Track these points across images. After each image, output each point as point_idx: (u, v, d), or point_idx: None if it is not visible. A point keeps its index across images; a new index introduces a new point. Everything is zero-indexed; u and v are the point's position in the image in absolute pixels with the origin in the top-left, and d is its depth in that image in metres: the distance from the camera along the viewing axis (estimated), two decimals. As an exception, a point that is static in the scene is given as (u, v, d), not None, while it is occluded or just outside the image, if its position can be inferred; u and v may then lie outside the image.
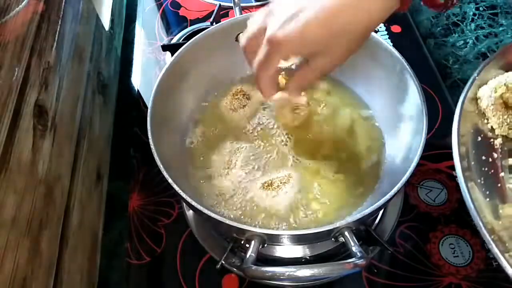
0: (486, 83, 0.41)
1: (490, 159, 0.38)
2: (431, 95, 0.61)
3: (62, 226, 0.44)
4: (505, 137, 0.39)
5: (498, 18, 0.66)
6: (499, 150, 0.38)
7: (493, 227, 0.32)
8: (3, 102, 0.38)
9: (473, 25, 0.68)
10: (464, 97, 0.39)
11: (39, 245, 0.39)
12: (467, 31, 0.68)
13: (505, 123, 0.39)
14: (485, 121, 0.40)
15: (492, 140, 0.39)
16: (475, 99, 0.41)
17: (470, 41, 0.67)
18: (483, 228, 0.31)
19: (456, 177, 0.53)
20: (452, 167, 0.54)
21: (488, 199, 0.35)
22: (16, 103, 0.39)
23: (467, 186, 0.33)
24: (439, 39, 0.70)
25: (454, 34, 0.69)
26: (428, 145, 0.40)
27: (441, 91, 0.62)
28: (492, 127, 0.40)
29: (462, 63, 0.66)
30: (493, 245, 0.30)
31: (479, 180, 0.36)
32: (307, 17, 0.33)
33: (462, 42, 0.67)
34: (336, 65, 0.37)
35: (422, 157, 0.39)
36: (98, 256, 0.52)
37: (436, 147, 0.55)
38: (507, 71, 0.41)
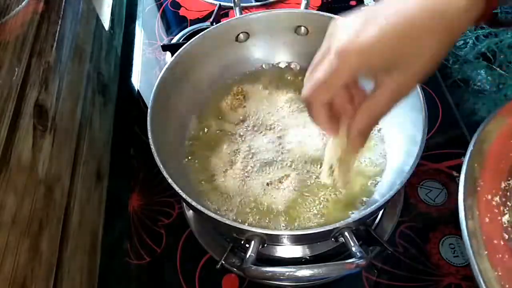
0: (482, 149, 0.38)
1: (502, 242, 0.34)
2: (431, 95, 0.61)
3: (62, 226, 0.44)
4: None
5: (498, 18, 0.66)
6: (509, 228, 0.35)
7: None
8: (3, 102, 0.38)
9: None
10: (466, 172, 0.36)
11: (39, 245, 0.39)
12: (467, 31, 0.68)
13: None
14: (489, 196, 0.36)
15: (499, 218, 0.36)
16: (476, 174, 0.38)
17: (470, 41, 0.67)
18: None
19: (457, 177, 0.53)
20: (452, 167, 0.54)
21: None
22: (16, 103, 0.39)
23: (484, 279, 0.31)
24: (439, 39, 0.70)
25: (454, 34, 0.68)
26: (428, 145, 0.40)
27: (441, 91, 0.62)
28: (497, 202, 0.36)
29: (462, 63, 0.66)
30: None
31: (495, 273, 0.32)
32: (380, 23, 0.28)
33: (462, 42, 0.67)
34: (415, 84, 0.30)
35: (422, 157, 0.39)
36: (98, 256, 0.52)
37: (436, 147, 0.55)
38: None
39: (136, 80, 0.71)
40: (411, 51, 0.28)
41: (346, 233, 0.36)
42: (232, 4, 0.58)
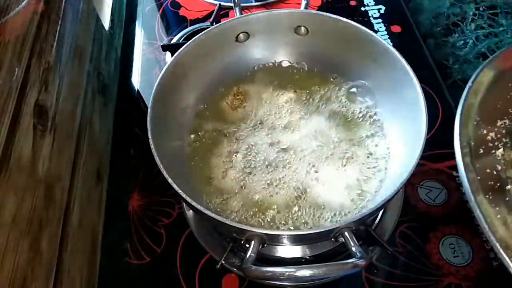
0: (480, 89, 0.40)
1: (495, 172, 0.37)
2: (431, 95, 0.61)
3: (62, 226, 0.44)
4: (505, 147, 0.39)
5: (498, 18, 0.66)
6: (502, 161, 0.38)
7: (506, 242, 0.32)
8: (3, 102, 0.38)
9: (473, 25, 0.68)
10: (462, 110, 0.39)
11: (39, 245, 0.39)
12: (467, 31, 0.68)
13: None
14: (484, 131, 0.39)
15: (493, 151, 0.39)
16: (473, 107, 0.40)
17: (470, 41, 0.66)
18: (497, 245, 0.30)
19: (457, 177, 0.53)
20: (452, 167, 0.54)
21: (498, 216, 0.34)
22: (16, 103, 0.39)
23: (476, 200, 0.33)
24: (439, 39, 0.70)
25: (454, 34, 0.69)
26: (428, 145, 0.40)
27: (441, 91, 0.62)
28: (492, 137, 0.39)
29: (462, 63, 0.66)
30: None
31: (487, 196, 0.35)
32: None
33: (462, 42, 0.67)
34: None
35: (422, 157, 0.39)
36: (98, 256, 0.52)
37: (436, 147, 0.55)
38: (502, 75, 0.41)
39: (136, 80, 0.71)
40: None
41: (346, 233, 0.36)
42: (232, 4, 0.58)
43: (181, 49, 0.50)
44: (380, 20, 0.74)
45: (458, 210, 0.50)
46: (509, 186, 0.37)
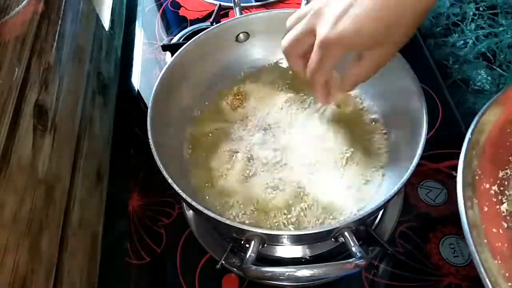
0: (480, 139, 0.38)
1: (501, 231, 0.34)
2: (431, 95, 0.61)
3: (62, 226, 0.44)
4: (509, 201, 0.36)
5: (498, 18, 0.66)
6: (508, 217, 0.35)
7: None
8: (3, 102, 0.38)
9: (473, 25, 0.68)
10: (463, 166, 0.37)
11: (39, 245, 0.39)
12: (467, 31, 0.68)
13: None
14: (486, 185, 0.37)
15: (498, 206, 0.36)
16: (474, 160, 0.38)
17: (470, 41, 0.67)
18: None
19: (456, 177, 0.53)
20: (452, 168, 0.54)
21: (510, 284, 0.32)
22: (16, 103, 0.39)
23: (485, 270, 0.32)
24: (439, 39, 0.70)
25: (454, 34, 0.69)
26: (428, 145, 0.40)
27: (441, 91, 0.62)
28: (495, 191, 0.37)
29: (462, 63, 0.66)
30: None
31: (495, 261, 0.33)
32: (359, 12, 0.32)
33: (462, 42, 0.67)
34: (392, 55, 0.36)
35: (422, 157, 0.39)
36: (98, 256, 0.52)
37: (436, 147, 0.55)
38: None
39: (136, 80, 0.71)
40: (389, 32, 0.33)
41: (346, 233, 0.36)
42: (232, 4, 0.58)
43: (181, 49, 0.50)
44: (380, 20, 0.73)
45: (458, 210, 0.50)
46: None
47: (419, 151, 0.39)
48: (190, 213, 0.52)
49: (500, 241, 0.33)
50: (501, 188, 0.37)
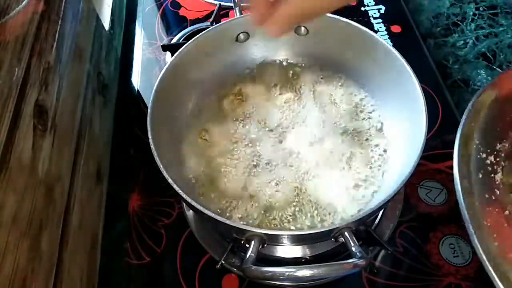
0: (480, 112, 0.40)
1: (493, 197, 0.37)
2: (431, 95, 0.61)
3: (62, 226, 0.44)
4: (504, 171, 0.39)
5: (498, 18, 0.66)
6: (501, 185, 0.38)
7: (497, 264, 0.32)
8: (3, 102, 0.38)
9: (473, 25, 0.68)
10: (461, 133, 0.39)
11: (39, 245, 0.39)
12: (467, 31, 0.68)
13: None
14: (483, 155, 0.39)
15: (492, 175, 0.38)
16: (473, 130, 0.40)
17: (470, 41, 0.66)
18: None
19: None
20: (452, 167, 0.54)
21: (496, 243, 0.34)
22: (16, 103, 0.39)
23: (474, 230, 0.33)
24: (439, 39, 0.70)
25: (454, 34, 0.69)
26: (428, 145, 0.40)
27: (441, 91, 0.62)
28: (491, 161, 0.39)
29: (462, 63, 0.66)
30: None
31: (485, 222, 0.35)
32: None
33: (462, 42, 0.67)
34: (319, 9, 0.34)
35: (422, 157, 0.39)
36: (98, 256, 0.52)
37: (436, 147, 0.55)
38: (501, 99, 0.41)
39: (136, 80, 0.71)
40: None
41: (346, 233, 0.36)
42: (232, 4, 0.58)
43: (181, 49, 0.50)
44: (380, 20, 0.74)
45: (458, 210, 0.50)
46: (507, 212, 0.36)
47: (419, 151, 0.39)
48: (190, 213, 0.52)
49: (491, 206, 0.35)
50: (497, 159, 0.39)
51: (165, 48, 0.67)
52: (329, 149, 0.48)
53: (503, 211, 0.36)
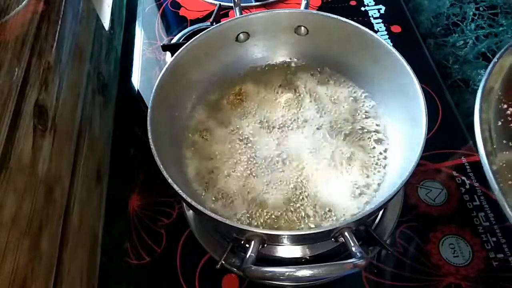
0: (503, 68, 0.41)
1: (511, 143, 0.38)
2: (431, 95, 0.61)
3: (62, 226, 0.44)
4: None
5: (498, 18, 0.66)
6: None
7: None
8: (3, 102, 0.38)
9: (473, 25, 0.68)
10: (485, 83, 0.40)
11: (39, 245, 0.39)
12: (467, 31, 0.68)
13: None
14: (504, 106, 0.40)
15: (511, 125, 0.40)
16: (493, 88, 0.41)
17: (470, 41, 0.67)
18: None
19: (456, 177, 0.53)
20: (452, 167, 0.54)
21: (510, 182, 0.35)
22: (16, 103, 0.39)
23: (491, 169, 0.34)
24: (439, 39, 0.70)
25: (454, 34, 0.69)
26: (428, 145, 0.40)
27: (441, 91, 0.62)
28: (511, 112, 0.40)
29: (462, 63, 0.66)
30: None
31: (501, 163, 0.36)
32: None
33: (462, 42, 0.67)
34: None
35: (422, 157, 0.39)
36: (98, 256, 0.52)
37: (436, 147, 0.55)
38: None
39: (136, 80, 0.71)
40: None
41: (346, 233, 0.36)
42: (232, 4, 0.58)
43: (181, 49, 0.50)
44: (380, 20, 0.74)
45: (458, 210, 0.50)
46: None
47: (419, 151, 0.39)
48: (190, 213, 0.52)
49: (507, 151, 0.37)
50: None
51: (165, 48, 0.67)
52: (329, 149, 0.49)
53: None
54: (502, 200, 0.33)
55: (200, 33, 0.52)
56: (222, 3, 0.73)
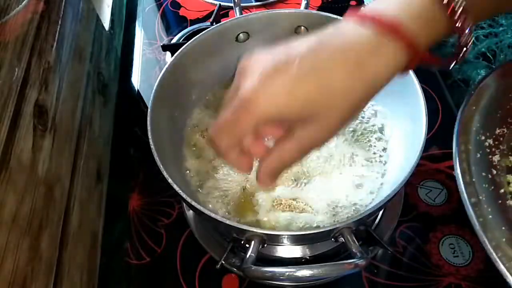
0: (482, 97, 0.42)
1: (490, 176, 0.38)
2: (431, 95, 0.61)
3: (62, 226, 0.44)
4: (502, 154, 0.40)
5: (498, 18, 0.66)
6: (498, 166, 0.39)
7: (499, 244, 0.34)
8: (3, 102, 0.38)
9: (473, 25, 0.67)
10: (462, 114, 0.40)
11: (39, 245, 0.39)
12: (467, 31, 0.68)
13: None
14: (482, 137, 0.40)
15: (490, 156, 0.40)
16: (474, 114, 0.41)
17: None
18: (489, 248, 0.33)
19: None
20: (452, 167, 0.54)
21: (490, 216, 0.35)
22: (16, 103, 0.39)
23: (470, 202, 0.35)
24: (439, 39, 0.70)
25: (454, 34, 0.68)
26: (428, 145, 0.40)
27: (441, 91, 0.62)
28: (489, 144, 0.40)
29: (462, 63, 0.65)
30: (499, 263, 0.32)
31: (480, 197, 0.36)
32: (298, 70, 0.25)
33: (462, 42, 0.67)
34: (329, 137, 0.28)
35: (422, 157, 0.39)
36: (98, 256, 0.52)
37: (436, 147, 0.55)
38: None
39: (136, 80, 0.71)
40: (330, 105, 0.26)
41: (346, 233, 0.36)
42: (232, 4, 0.58)
43: (181, 49, 0.50)
44: (380, 20, 0.73)
45: (458, 210, 0.50)
46: (502, 190, 0.38)
47: (419, 151, 0.39)
48: (190, 213, 0.52)
49: (486, 183, 0.37)
50: (496, 143, 0.40)
51: (165, 48, 0.67)
52: (329, 149, 0.48)
53: (498, 190, 0.38)
54: (482, 236, 0.33)
55: (200, 33, 0.52)
56: (222, 3, 0.73)
